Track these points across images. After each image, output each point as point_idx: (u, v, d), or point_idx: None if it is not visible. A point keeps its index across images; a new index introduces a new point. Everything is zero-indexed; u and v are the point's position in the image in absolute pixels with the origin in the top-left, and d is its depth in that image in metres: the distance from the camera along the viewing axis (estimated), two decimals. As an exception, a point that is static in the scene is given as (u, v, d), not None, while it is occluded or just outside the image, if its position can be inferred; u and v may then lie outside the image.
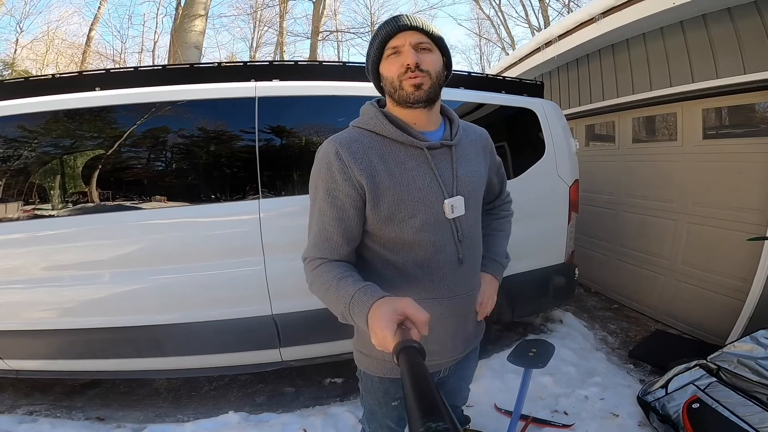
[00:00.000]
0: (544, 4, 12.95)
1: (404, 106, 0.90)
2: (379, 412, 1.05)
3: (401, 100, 0.89)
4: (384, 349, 0.65)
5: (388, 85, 0.90)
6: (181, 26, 5.28)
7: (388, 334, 0.63)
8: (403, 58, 0.86)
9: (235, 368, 2.12)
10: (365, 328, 0.71)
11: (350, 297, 0.76)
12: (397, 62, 0.87)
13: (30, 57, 12.10)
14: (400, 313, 0.66)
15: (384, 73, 0.90)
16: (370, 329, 0.69)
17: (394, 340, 0.61)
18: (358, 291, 0.76)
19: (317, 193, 0.90)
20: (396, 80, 0.87)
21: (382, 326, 0.64)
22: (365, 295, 0.74)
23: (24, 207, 1.91)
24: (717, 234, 2.71)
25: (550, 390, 2.24)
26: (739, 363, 1.88)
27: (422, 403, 0.46)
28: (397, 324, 0.65)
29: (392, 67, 0.88)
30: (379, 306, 0.69)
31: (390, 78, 0.88)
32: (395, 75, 0.87)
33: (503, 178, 1.22)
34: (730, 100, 2.60)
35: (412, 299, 0.68)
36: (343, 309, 0.78)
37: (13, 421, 2.02)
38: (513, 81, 2.64)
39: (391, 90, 0.90)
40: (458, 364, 1.11)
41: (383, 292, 0.75)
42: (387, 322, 0.65)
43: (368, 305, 0.71)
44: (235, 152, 2.01)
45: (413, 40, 0.86)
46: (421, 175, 0.90)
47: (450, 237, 0.94)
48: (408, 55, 0.85)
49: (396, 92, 0.89)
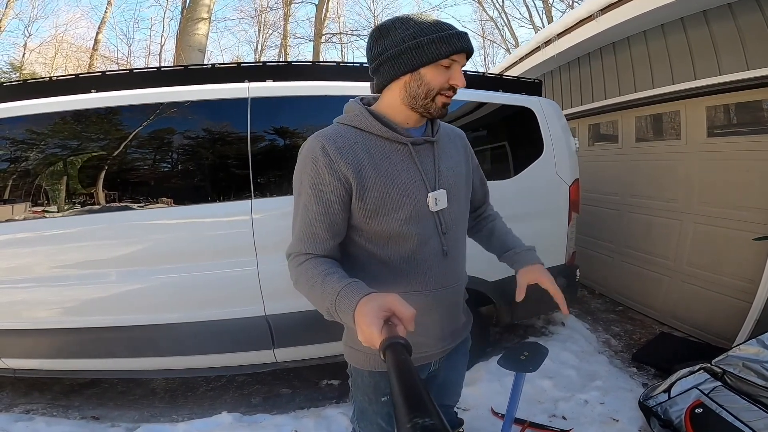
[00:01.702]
0: (548, 5, 12.89)
1: (421, 113, 0.90)
2: (369, 409, 1.05)
3: (424, 109, 0.89)
4: (370, 346, 0.64)
5: (420, 89, 0.87)
6: (185, 29, 5.34)
7: (375, 330, 0.63)
8: (454, 76, 0.86)
9: (229, 369, 2.12)
10: (352, 324, 0.71)
11: (336, 294, 0.76)
12: (445, 75, 0.86)
13: (39, 60, 12.35)
14: (386, 309, 0.66)
15: (428, 77, 0.86)
16: (357, 326, 0.68)
17: (381, 337, 0.61)
18: (344, 287, 0.75)
19: (302, 188, 0.90)
20: (434, 91, 0.87)
21: (368, 322, 0.64)
22: (351, 292, 0.74)
23: (19, 207, 1.93)
24: (723, 234, 2.65)
25: (550, 394, 2.20)
26: (744, 367, 1.83)
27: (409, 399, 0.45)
28: (383, 320, 0.65)
29: (440, 78, 0.86)
30: (365, 303, 0.69)
31: (431, 86, 0.86)
32: (437, 86, 0.86)
33: (484, 180, 1.22)
34: (735, 97, 2.55)
35: (398, 295, 0.68)
36: (329, 306, 0.77)
37: (10, 419, 2.04)
38: (511, 79, 2.61)
39: (420, 94, 0.87)
40: (448, 356, 1.11)
41: (369, 289, 0.74)
42: (373, 318, 0.64)
43: (354, 302, 0.71)
44: (227, 153, 2.02)
45: (464, 62, 0.88)
46: (405, 170, 0.91)
47: (434, 229, 0.94)
48: (459, 77, 0.86)
49: (423, 100, 0.88)
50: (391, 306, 0.66)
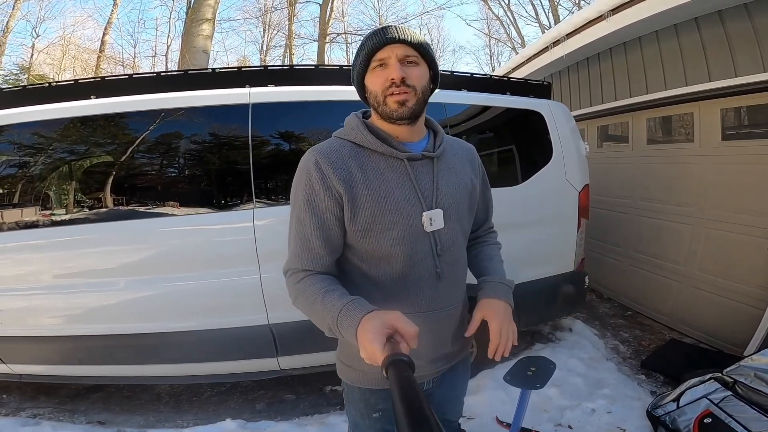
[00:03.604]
0: (554, 3, 12.70)
1: (387, 121, 0.89)
2: (362, 424, 1.04)
3: (385, 115, 0.87)
4: (373, 363, 0.65)
5: (372, 99, 0.88)
6: (189, 31, 5.33)
7: (377, 347, 0.63)
8: (388, 71, 0.84)
9: (233, 376, 2.12)
10: (354, 342, 0.71)
11: (338, 311, 0.75)
12: (382, 75, 0.85)
13: (47, 62, 12.44)
14: (389, 326, 0.66)
15: (369, 85, 0.89)
16: (360, 343, 0.68)
17: (383, 354, 0.61)
18: (346, 305, 0.75)
19: (297, 202, 0.89)
20: (380, 95, 0.86)
21: (371, 339, 0.65)
22: (354, 309, 0.74)
23: (20, 215, 1.94)
24: (736, 239, 2.60)
25: (556, 402, 2.17)
26: (756, 377, 1.80)
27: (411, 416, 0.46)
28: (386, 337, 0.65)
29: (377, 81, 0.86)
30: (368, 320, 0.69)
31: (374, 92, 0.87)
32: (379, 89, 0.85)
33: (489, 203, 1.17)
34: (751, 100, 2.48)
35: (400, 312, 0.68)
36: (331, 323, 0.77)
37: (16, 423, 2.06)
38: (518, 82, 2.56)
39: (375, 104, 0.89)
40: (444, 375, 1.08)
41: (371, 306, 0.74)
42: (376, 335, 0.65)
43: (357, 319, 0.71)
44: (228, 160, 2.00)
45: (400, 53, 0.84)
46: (399, 187, 0.88)
47: (428, 251, 0.91)
48: (393, 69, 0.83)
49: (380, 107, 0.87)
50: (394, 323, 0.66)
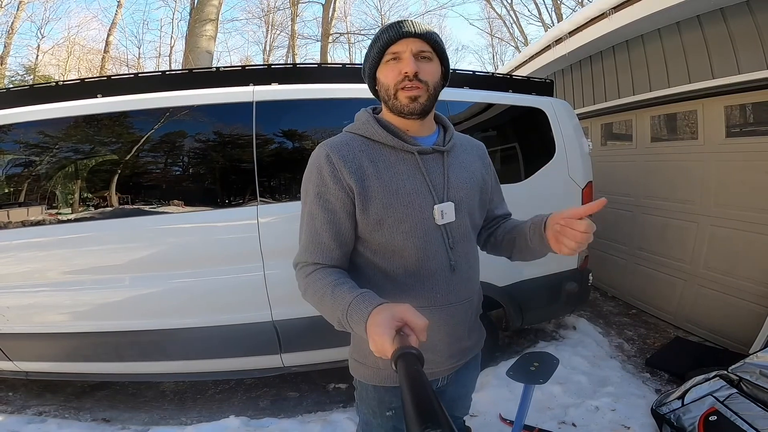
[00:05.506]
0: (557, 2, 12.67)
1: (398, 115, 0.89)
2: (374, 422, 1.04)
3: (395, 109, 0.88)
4: (382, 356, 0.64)
5: (384, 92, 0.89)
6: (193, 31, 5.36)
7: (387, 340, 0.63)
8: (402, 65, 0.84)
9: (237, 373, 2.12)
10: (364, 335, 0.71)
11: (348, 304, 0.75)
12: (395, 69, 0.85)
13: (52, 63, 12.53)
14: (399, 319, 0.65)
15: (381, 78, 0.89)
16: (369, 336, 0.68)
17: (393, 347, 0.61)
18: (355, 298, 0.75)
19: (308, 196, 0.90)
20: (392, 88, 0.86)
21: (380, 332, 0.64)
22: (363, 303, 0.73)
23: (25, 213, 1.95)
24: (741, 237, 2.58)
25: (559, 400, 2.16)
26: (761, 374, 1.79)
27: (420, 409, 0.46)
28: (395, 330, 0.64)
29: (390, 74, 0.86)
30: (377, 313, 0.69)
31: (386, 85, 0.87)
32: (392, 83, 0.86)
33: (502, 197, 1.15)
34: (754, 97, 2.46)
35: (410, 305, 0.67)
36: (341, 316, 0.77)
37: (22, 421, 2.07)
38: (521, 79, 2.56)
39: (385, 97, 0.89)
40: (457, 372, 1.08)
41: (381, 299, 0.74)
42: (385, 328, 0.64)
43: (367, 312, 0.71)
44: (232, 158, 2.01)
45: (415, 47, 0.84)
46: (411, 180, 0.89)
47: (441, 244, 0.91)
48: (408, 62, 0.83)
49: (390, 100, 0.88)
50: (404, 316, 0.65)
